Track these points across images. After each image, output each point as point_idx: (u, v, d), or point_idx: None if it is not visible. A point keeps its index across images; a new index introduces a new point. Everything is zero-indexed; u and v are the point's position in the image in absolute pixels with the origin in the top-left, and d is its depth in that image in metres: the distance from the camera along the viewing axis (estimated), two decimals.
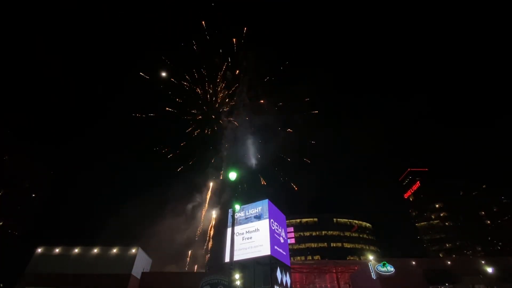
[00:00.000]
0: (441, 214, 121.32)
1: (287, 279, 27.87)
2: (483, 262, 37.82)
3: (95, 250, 38.15)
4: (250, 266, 24.80)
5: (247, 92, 74.11)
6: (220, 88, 74.42)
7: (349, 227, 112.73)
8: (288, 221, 49.43)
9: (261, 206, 28.52)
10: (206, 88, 73.28)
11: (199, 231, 61.09)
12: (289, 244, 38.95)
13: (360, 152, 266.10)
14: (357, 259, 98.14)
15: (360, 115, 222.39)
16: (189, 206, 62.88)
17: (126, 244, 40.56)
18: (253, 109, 73.95)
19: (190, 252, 52.03)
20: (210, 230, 60.55)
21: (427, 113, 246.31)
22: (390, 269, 35.30)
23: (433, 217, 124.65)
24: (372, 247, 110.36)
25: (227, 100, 73.57)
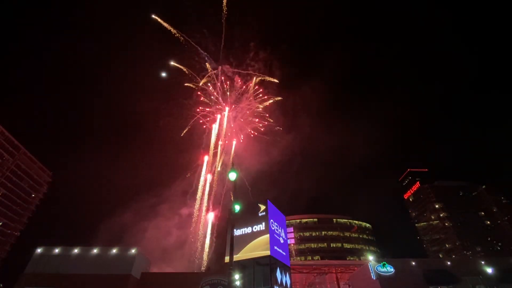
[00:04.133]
0: (441, 215, 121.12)
1: (287, 279, 27.87)
2: (483, 262, 37.78)
3: (95, 251, 38.19)
4: (250, 266, 24.82)
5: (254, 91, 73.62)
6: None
7: (349, 228, 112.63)
8: (288, 221, 49.57)
9: (262, 206, 28.52)
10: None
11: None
12: (289, 244, 38.98)
13: (360, 153, 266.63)
14: (357, 259, 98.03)
15: (360, 115, 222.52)
16: (188, 205, 62.68)
17: (125, 244, 40.68)
18: (256, 111, 73.74)
19: (190, 252, 52.01)
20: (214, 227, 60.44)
21: (427, 113, 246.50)
22: (389, 269, 35.30)
23: (432, 217, 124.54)
24: (371, 248, 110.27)
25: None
